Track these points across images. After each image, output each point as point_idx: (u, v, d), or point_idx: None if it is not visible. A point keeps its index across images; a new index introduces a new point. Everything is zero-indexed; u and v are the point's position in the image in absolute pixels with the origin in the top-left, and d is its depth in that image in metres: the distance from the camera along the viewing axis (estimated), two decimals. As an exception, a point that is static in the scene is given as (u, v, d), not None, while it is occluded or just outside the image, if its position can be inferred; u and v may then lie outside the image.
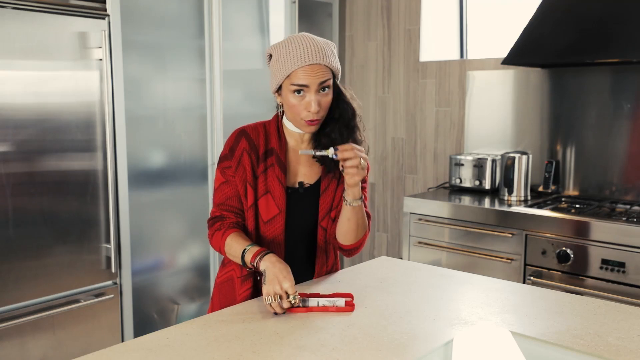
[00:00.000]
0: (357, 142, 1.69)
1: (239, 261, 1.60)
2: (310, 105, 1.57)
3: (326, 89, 1.59)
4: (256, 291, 1.70)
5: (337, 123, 1.66)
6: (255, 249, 1.57)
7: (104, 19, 2.67)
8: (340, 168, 1.58)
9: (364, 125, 1.75)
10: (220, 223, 1.68)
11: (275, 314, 1.49)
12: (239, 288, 1.69)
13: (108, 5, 2.69)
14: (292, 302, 1.48)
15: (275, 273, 1.49)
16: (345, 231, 1.69)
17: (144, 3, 2.91)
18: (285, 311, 1.49)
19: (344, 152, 1.55)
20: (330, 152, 1.57)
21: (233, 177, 1.67)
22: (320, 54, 1.57)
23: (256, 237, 1.68)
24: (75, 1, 2.62)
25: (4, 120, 2.41)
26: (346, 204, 1.64)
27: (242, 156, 1.66)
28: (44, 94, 2.52)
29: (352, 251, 1.75)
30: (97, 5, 2.68)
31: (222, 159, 1.70)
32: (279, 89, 1.64)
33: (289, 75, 1.57)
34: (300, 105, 1.58)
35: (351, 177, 1.57)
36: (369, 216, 1.78)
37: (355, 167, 1.55)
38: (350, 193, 1.62)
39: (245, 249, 1.58)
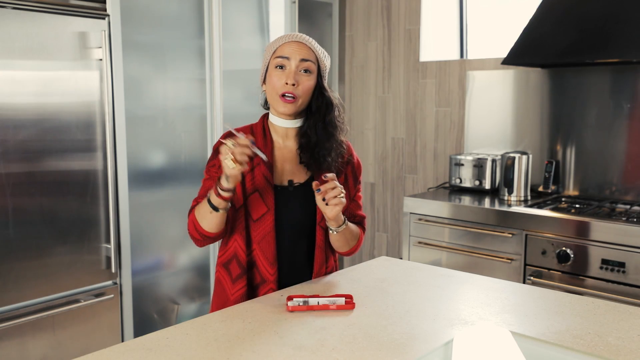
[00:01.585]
0: (336, 140, 1.72)
1: (210, 208, 1.58)
2: (288, 77, 1.62)
3: (308, 71, 1.65)
4: (251, 290, 1.71)
5: (313, 117, 1.70)
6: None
7: (104, 19, 2.67)
8: (322, 201, 1.58)
9: (347, 129, 1.78)
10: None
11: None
12: (231, 288, 1.70)
13: (108, 5, 2.69)
14: (233, 145, 1.48)
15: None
16: (337, 246, 1.75)
17: (144, 3, 2.91)
18: (246, 161, 1.50)
19: (325, 186, 1.56)
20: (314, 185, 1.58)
21: (216, 174, 1.70)
22: (308, 39, 1.68)
23: (247, 235, 1.69)
24: (75, 1, 2.63)
25: (4, 120, 2.41)
26: (332, 232, 1.68)
27: None
28: (44, 94, 2.52)
29: (349, 254, 1.80)
30: (97, 5, 2.68)
31: (209, 159, 1.75)
32: (265, 78, 1.70)
33: (274, 51, 1.66)
34: (280, 81, 1.64)
35: (332, 209, 1.58)
36: (363, 218, 1.81)
37: (337, 196, 1.57)
38: (334, 223, 1.65)
39: (208, 194, 1.59)
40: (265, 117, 1.78)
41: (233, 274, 1.70)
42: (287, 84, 1.62)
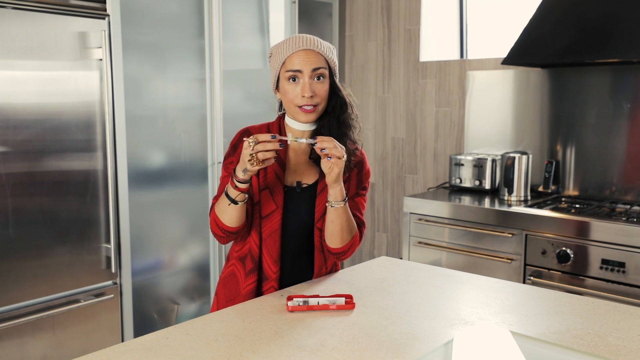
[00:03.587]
0: (350, 140, 1.72)
1: (229, 201, 1.59)
2: (304, 91, 1.60)
3: (321, 78, 1.63)
4: (260, 285, 1.71)
5: (329, 116, 1.69)
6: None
7: (104, 19, 2.67)
8: (323, 160, 1.56)
9: (361, 126, 1.77)
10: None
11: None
12: (243, 282, 1.71)
13: (108, 5, 2.68)
14: (252, 143, 1.49)
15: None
16: (330, 233, 1.67)
17: (144, 3, 2.91)
18: (273, 153, 1.52)
19: (322, 142, 1.55)
20: (310, 140, 1.57)
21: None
22: (314, 43, 1.64)
23: (259, 231, 1.69)
24: (75, 1, 2.62)
25: (4, 120, 2.41)
26: (329, 205, 1.63)
27: None
28: (44, 94, 2.52)
29: (339, 255, 1.72)
30: (97, 5, 2.68)
31: (226, 156, 1.75)
32: (278, 85, 1.69)
33: (284, 63, 1.63)
34: (295, 92, 1.62)
35: (330, 170, 1.55)
36: (363, 224, 1.76)
37: (333, 155, 1.53)
38: (332, 193, 1.61)
39: (226, 188, 1.60)
40: (281, 117, 1.77)
41: (247, 268, 1.71)
42: (304, 96, 1.61)
